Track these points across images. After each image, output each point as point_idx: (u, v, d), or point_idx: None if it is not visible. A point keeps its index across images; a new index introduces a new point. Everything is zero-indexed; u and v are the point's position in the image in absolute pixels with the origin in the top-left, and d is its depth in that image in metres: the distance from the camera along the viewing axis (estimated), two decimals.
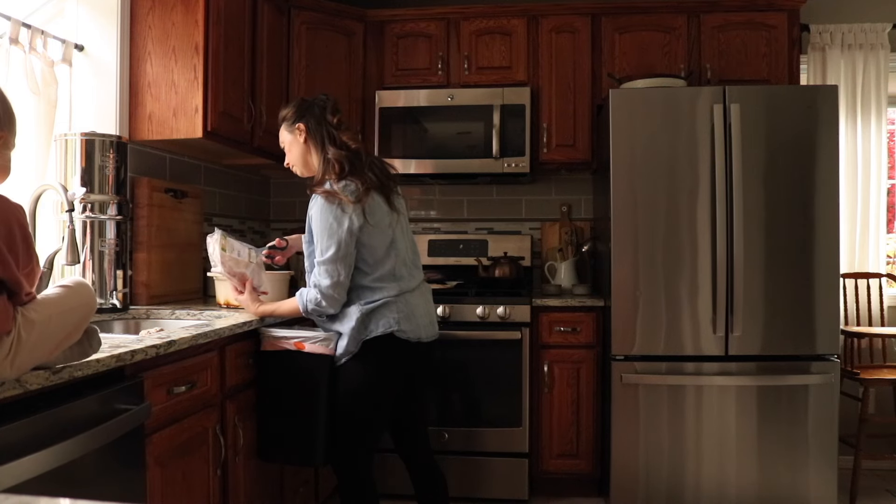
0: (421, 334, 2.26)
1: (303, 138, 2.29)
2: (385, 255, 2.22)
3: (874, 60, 3.57)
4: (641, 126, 2.90)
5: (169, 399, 1.79)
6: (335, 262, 2.13)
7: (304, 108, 2.30)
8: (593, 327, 3.14)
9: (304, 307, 2.22)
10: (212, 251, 2.32)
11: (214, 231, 2.34)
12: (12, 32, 2.24)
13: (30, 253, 1.29)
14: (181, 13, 2.61)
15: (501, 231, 3.84)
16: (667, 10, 3.38)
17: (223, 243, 2.32)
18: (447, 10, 3.51)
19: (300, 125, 2.29)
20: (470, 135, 3.40)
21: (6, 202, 1.26)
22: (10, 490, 1.16)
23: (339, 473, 2.27)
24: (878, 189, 3.58)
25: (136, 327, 2.40)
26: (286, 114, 2.33)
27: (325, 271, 2.14)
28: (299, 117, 2.29)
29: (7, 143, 1.35)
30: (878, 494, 3.24)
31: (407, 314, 2.21)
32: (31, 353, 1.24)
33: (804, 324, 2.85)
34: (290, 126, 2.31)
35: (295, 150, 2.32)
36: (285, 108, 2.36)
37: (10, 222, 1.24)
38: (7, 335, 1.21)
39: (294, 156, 2.33)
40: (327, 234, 2.13)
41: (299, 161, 2.33)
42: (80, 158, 2.30)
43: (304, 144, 2.29)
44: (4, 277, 1.22)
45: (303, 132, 2.28)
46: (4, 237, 1.21)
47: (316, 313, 2.22)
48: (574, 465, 3.17)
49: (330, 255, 2.13)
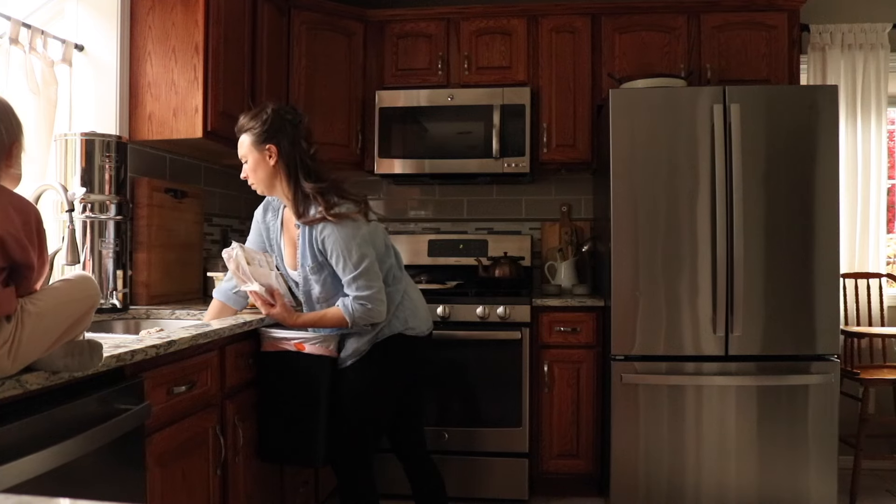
0: (423, 328, 2.30)
1: (273, 161, 2.15)
2: (385, 254, 2.25)
3: (874, 60, 3.56)
4: (641, 126, 2.90)
5: (169, 399, 1.79)
6: (369, 272, 2.12)
7: (275, 127, 2.14)
8: (593, 327, 3.14)
9: (350, 317, 2.13)
10: (235, 268, 2.14)
11: (232, 245, 2.15)
12: (12, 32, 2.24)
13: (42, 246, 1.32)
14: (181, 13, 2.61)
15: (501, 231, 3.84)
16: (667, 10, 3.38)
17: (247, 257, 2.15)
18: (447, 10, 3.51)
19: (271, 146, 2.13)
20: (470, 135, 3.40)
21: (27, 201, 1.32)
22: (10, 490, 1.16)
23: (339, 474, 2.27)
24: (878, 189, 3.58)
25: (136, 327, 2.40)
26: (252, 125, 2.16)
27: (364, 282, 2.11)
28: (269, 137, 2.13)
29: (20, 150, 1.39)
30: (878, 494, 3.24)
31: (412, 310, 2.26)
32: (31, 343, 1.25)
33: (804, 324, 2.85)
34: (257, 143, 2.15)
35: (261, 172, 2.16)
36: (250, 118, 2.17)
37: (29, 216, 1.28)
38: (8, 322, 1.22)
39: (259, 176, 2.17)
40: (355, 248, 2.11)
41: (264, 183, 2.18)
42: (80, 158, 2.30)
43: (273, 168, 2.15)
44: (21, 261, 1.25)
45: (273, 155, 2.14)
46: (25, 227, 1.26)
47: (363, 322, 2.15)
48: (574, 465, 3.17)
49: (365, 264, 2.11)
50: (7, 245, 1.22)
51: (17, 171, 1.38)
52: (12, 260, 1.24)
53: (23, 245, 1.24)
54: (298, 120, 2.19)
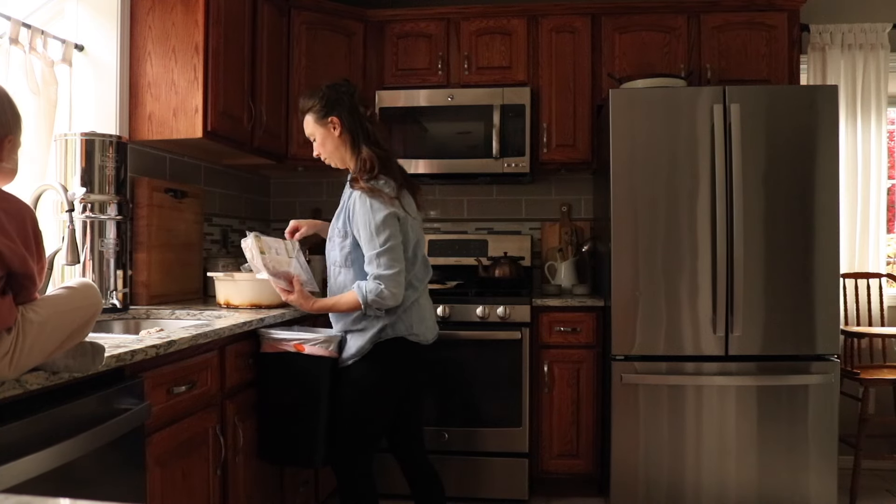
0: (429, 336, 2.29)
1: (338, 132, 2.24)
2: (413, 254, 2.23)
3: (874, 60, 3.56)
4: (641, 126, 2.90)
5: (169, 399, 1.79)
6: (394, 251, 2.11)
7: (333, 100, 2.23)
8: (593, 327, 3.14)
9: (363, 298, 2.11)
10: (251, 257, 2.24)
11: (247, 235, 2.25)
12: (12, 32, 2.24)
13: (40, 251, 1.30)
14: (181, 13, 2.61)
15: (501, 231, 3.84)
16: (667, 10, 3.38)
17: (260, 246, 2.22)
18: (447, 10, 3.51)
19: (333, 119, 2.23)
20: (470, 135, 3.40)
21: (19, 202, 1.28)
22: (10, 490, 1.16)
23: (339, 474, 2.27)
24: (878, 189, 3.58)
25: (136, 327, 2.40)
26: (311, 104, 2.25)
27: (385, 261, 2.10)
28: (330, 109, 2.23)
29: (15, 145, 1.36)
30: (878, 494, 3.24)
31: (420, 318, 2.24)
32: (32, 352, 1.24)
33: (804, 324, 2.85)
34: (320, 119, 2.24)
35: (329, 145, 2.26)
36: (307, 98, 2.28)
37: (24, 220, 1.26)
38: (8, 333, 1.21)
39: (328, 150, 2.27)
40: (382, 225, 2.10)
41: (334, 155, 2.28)
42: (80, 158, 2.30)
43: (339, 138, 2.24)
44: (21, 272, 1.23)
45: (337, 126, 2.23)
46: (21, 234, 1.23)
47: (376, 305, 2.12)
48: (574, 465, 3.17)
49: (390, 244, 2.10)
50: (5, 258, 1.20)
51: (8, 165, 1.35)
52: (10, 269, 1.22)
53: (21, 257, 1.22)
54: (353, 90, 2.28)
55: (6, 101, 1.34)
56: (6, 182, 1.36)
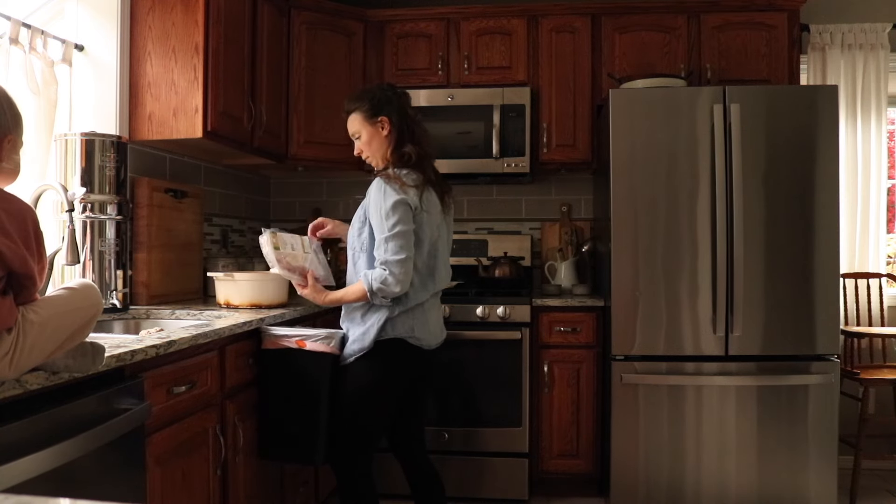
0: (431, 342, 2.29)
1: (386, 132, 2.25)
2: (428, 255, 2.23)
3: (874, 60, 3.57)
4: (641, 126, 2.90)
5: (169, 399, 1.79)
6: (403, 237, 2.10)
7: (382, 100, 2.25)
8: (593, 327, 3.14)
9: (368, 286, 2.11)
10: (266, 252, 2.27)
11: (263, 231, 2.29)
12: (12, 32, 2.24)
13: (41, 252, 1.30)
14: (181, 13, 2.61)
15: (501, 231, 3.84)
16: (667, 10, 3.38)
17: (275, 242, 2.26)
18: (447, 10, 3.51)
19: (383, 118, 2.24)
20: (470, 135, 3.40)
21: (20, 202, 1.28)
22: (10, 490, 1.16)
23: (338, 473, 2.27)
24: (878, 189, 3.58)
25: (136, 327, 2.40)
26: (360, 104, 2.26)
27: (392, 246, 2.09)
28: (380, 109, 2.24)
29: (16, 145, 1.36)
30: (878, 494, 3.24)
31: (423, 322, 2.24)
32: (32, 352, 1.24)
33: (804, 324, 2.85)
34: (369, 118, 2.25)
35: (375, 143, 2.26)
36: (356, 98, 2.29)
37: (25, 220, 1.26)
38: (8, 333, 1.21)
39: (373, 148, 2.27)
40: (392, 210, 2.10)
41: (378, 153, 2.27)
42: (80, 158, 2.30)
43: (387, 138, 2.25)
44: (21, 273, 1.23)
45: (386, 126, 2.24)
46: (21, 235, 1.23)
47: (381, 293, 2.11)
48: (574, 465, 3.17)
49: (398, 229, 2.10)
50: (5, 258, 1.20)
51: (9, 165, 1.34)
52: (11, 270, 1.23)
53: (22, 257, 1.22)
54: (402, 92, 2.31)
55: (6, 101, 1.34)
56: (7, 183, 1.36)
